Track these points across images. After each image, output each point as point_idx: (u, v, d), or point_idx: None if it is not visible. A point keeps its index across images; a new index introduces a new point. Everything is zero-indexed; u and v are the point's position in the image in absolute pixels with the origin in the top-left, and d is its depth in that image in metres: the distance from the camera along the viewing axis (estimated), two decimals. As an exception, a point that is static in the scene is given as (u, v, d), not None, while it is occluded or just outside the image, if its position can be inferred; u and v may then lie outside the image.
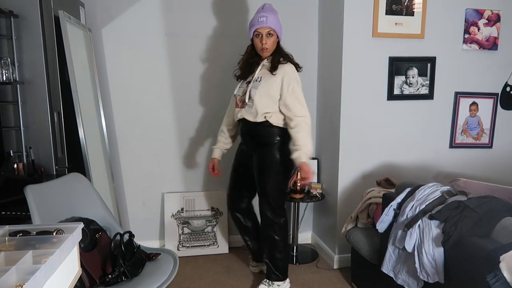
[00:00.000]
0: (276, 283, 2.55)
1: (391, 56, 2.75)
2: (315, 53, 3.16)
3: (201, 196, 3.18)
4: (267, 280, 2.56)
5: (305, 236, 3.37)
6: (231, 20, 3.02)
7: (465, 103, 2.94)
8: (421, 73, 2.82)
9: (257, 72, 2.43)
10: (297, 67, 2.45)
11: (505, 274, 1.38)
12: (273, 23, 2.36)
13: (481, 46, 2.88)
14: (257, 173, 2.48)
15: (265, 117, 2.38)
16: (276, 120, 2.40)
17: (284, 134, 2.40)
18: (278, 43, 2.45)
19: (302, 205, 3.22)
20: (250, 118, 2.42)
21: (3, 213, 1.90)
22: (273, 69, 2.38)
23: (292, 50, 3.10)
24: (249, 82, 2.44)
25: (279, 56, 2.43)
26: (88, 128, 2.48)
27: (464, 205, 1.73)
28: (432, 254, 1.74)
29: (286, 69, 2.38)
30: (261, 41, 2.37)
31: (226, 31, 3.02)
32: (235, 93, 2.52)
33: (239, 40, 2.75)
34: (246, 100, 2.40)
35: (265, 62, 2.45)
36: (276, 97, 2.38)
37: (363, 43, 2.71)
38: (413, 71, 2.81)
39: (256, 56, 2.47)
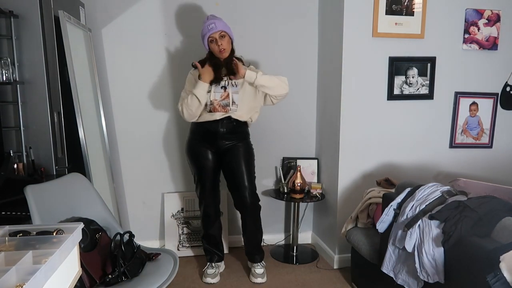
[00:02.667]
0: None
1: (391, 56, 2.75)
2: (315, 53, 3.16)
3: (201, 196, 3.18)
4: (262, 262, 2.77)
5: (305, 236, 3.37)
6: (231, 20, 3.01)
7: (465, 103, 2.94)
8: (421, 73, 2.82)
9: (225, 78, 2.55)
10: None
11: (505, 274, 1.38)
12: (222, 26, 2.51)
13: (481, 46, 2.88)
14: (245, 163, 2.61)
15: (250, 117, 2.64)
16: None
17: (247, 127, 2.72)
18: (232, 43, 2.57)
19: (302, 205, 3.22)
20: (237, 116, 2.56)
21: (3, 213, 1.90)
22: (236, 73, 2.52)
23: (292, 50, 3.12)
24: (224, 87, 2.53)
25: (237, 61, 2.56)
26: (88, 128, 2.48)
27: (464, 205, 1.73)
28: (432, 254, 1.74)
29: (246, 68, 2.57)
30: (217, 44, 2.48)
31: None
32: (211, 99, 2.51)
33: (239, 40, 2.75)
34: (230, 105, 2.54)
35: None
36: (255, 94, 2.58)
37: (363, 43, 2.71)
38: (413, 71, 2.81)
39: (217, 59, 2.52)
